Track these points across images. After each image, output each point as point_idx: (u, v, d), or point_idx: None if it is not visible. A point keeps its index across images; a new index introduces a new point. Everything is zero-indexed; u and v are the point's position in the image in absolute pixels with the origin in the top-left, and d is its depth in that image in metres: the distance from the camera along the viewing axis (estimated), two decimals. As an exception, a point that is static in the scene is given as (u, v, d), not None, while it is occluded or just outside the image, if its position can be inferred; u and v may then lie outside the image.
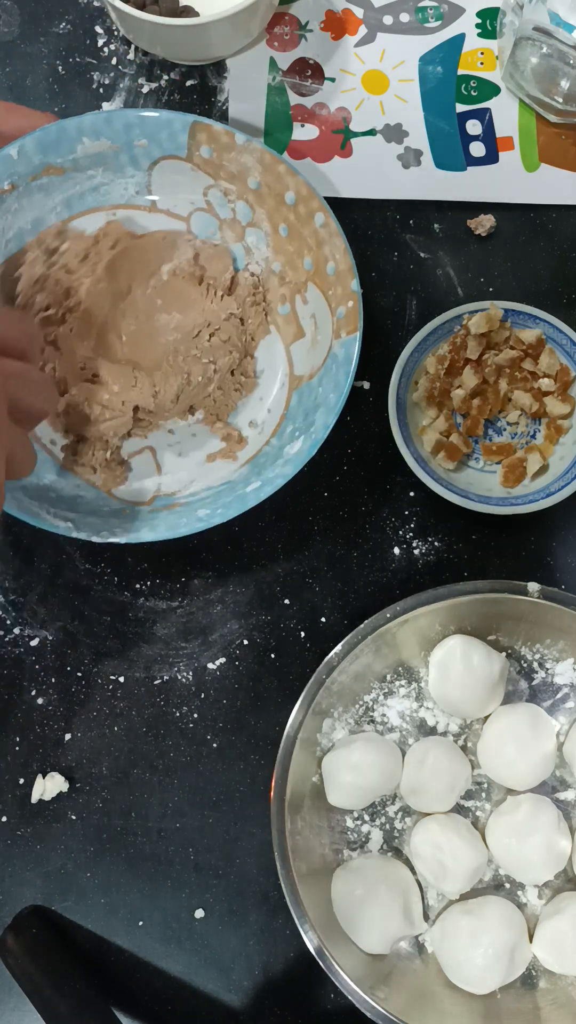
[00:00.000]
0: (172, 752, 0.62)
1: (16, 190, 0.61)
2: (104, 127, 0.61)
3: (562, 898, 0.57)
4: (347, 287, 0.60)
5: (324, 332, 0.62)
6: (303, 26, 0.71)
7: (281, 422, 0.63)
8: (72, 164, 0.62)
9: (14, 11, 0.72)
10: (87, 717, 0.62)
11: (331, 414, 0.58)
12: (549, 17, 0.63)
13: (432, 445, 0.63)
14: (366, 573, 0.64)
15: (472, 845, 0.57)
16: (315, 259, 0.62)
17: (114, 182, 0.64)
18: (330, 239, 0.60)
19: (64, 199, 0.63)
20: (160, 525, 0.59)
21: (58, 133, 0.60)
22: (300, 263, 0.63)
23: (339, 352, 0.60)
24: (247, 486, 0.60)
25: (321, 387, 0.61)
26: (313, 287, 0.62)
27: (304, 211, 0.61)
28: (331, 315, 0.61)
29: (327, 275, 0.61)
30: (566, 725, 0.60)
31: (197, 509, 0.60)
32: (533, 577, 0.59)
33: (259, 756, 0.61)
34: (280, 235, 0.63)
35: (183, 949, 0.59)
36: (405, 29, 0.71)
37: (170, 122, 0.61)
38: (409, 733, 0.60)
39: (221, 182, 0.63)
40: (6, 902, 0.60)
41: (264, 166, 0.61)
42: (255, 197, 0.63)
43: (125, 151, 0.62)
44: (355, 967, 0.54)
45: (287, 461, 0.60)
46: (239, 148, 0.61)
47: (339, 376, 0.59)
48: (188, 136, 0.61)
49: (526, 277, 0.68)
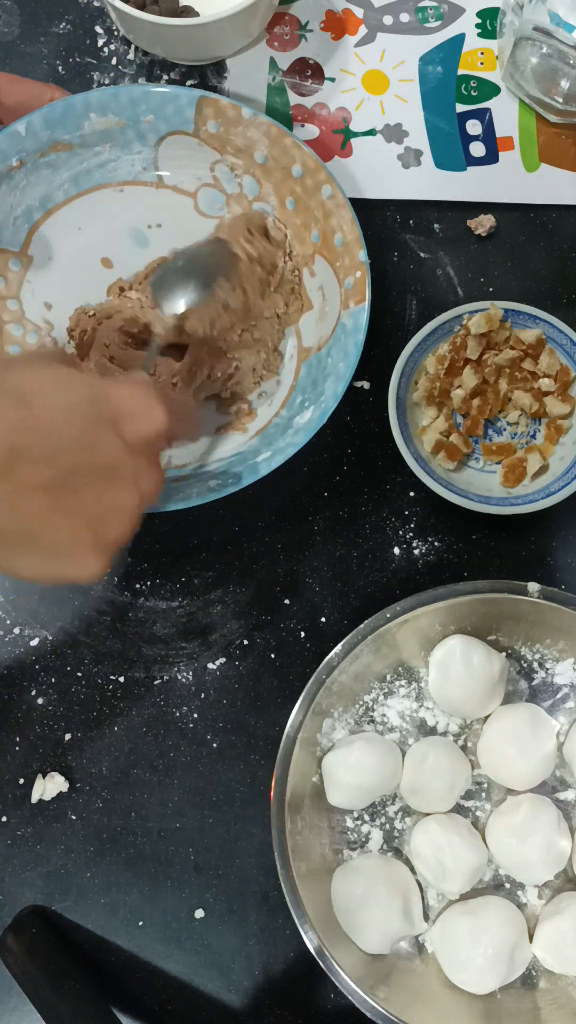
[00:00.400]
0: (172, 752, 0.61)
1: (24, 167, 0.61)
2: (111, 102, 0.61)
3: (562, 898, 0.57)
4: (355, 257, 0.60)
5: (332, 303, 0.62)
6: (303, 26, 0.71)
7: (290, 394, 0.63)
8: (79, 140, 0.62)
9: (14, 11, 0.72)
10: (87, 717, 0.62)
11: (341, 382, 0.58)
12: (549, 17, 0.63)
13: (432, 445, 0.63)
14: (366, 573, 0.64)
15: (472, 845, 0.57)
16: (322, 231, 0.62)
17: (121, 158, 0.64)
18: (337, 210, 0.60)
19: (71, 175, 0.63)
20: (173, 496, 0.59)
21: (65, 109, 0.60)
22: (307, 236, 0.63)
23: (348, 322, 0.60)
24: (258, 456, 0.60)
25: (330, 357, 0.61)
26: (320, 259, 0.62)
27: (311, 183, 0.61)
28: (339, 286, 0.61)
29: (334, 246, 0.61)
30: (566, 725, 0.60)
31: (208, 480, 0.60)
32: (533, 577, 0.59)
33: (259, 756, 0.61)
34: (287, 208, 0.63)
35: (183, 949, 0.59)
36: (405, 29, 0.71)
37: (176, 97, 0.61)
38: (409, 733, 0.60)
39: (228, 157, 0.63)
40: (6, 902, 0.60)
41: (271, 139, 0.61)
42: (262, 171, 0.63)
43: (132, 127, 0.62)
44: (355, 967, 0.54)
45: (297, 430, 0.59)
46: (245, 122, 0.61)
47: (348, 345, 0.59)
48: (195, 111, 0.61)
49: (526, 277, 0.68)
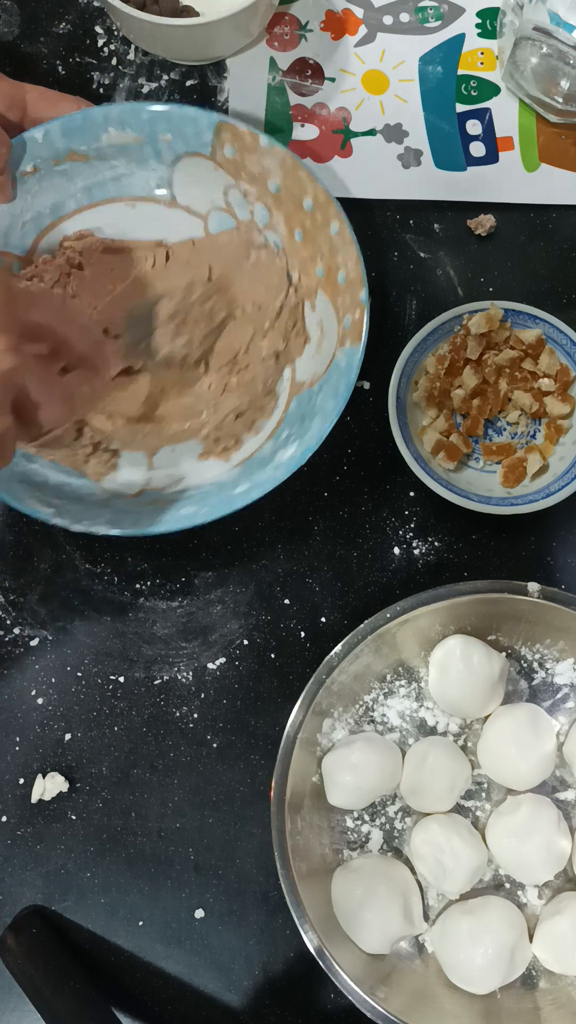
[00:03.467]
0: (172, 752, 0.62)
1: (38, 172, 0.61)
2: (131, 118, 0.61)
3: (562, 898, 0.57)
4: (356, 297, 0.59)
5: (329, 340, 0.61)
6: (303, 26, 0.71)
7: (278, 426, 0.63)
8: (96, 152, 0.62)
9: (14, 11, 0.72)
10: (87, 717, 0.62)
11: (327, 422, 0.58)
12: (549, 17, 0.63)
13: (432, 445, 0.63)
14: (366, 573, 0.64)
15: (472, 845, 0.57)
16: (327, 266, 0.61)
17: (136, 174, 0.64)
18: (343, 247, 0.60)
19: (85, 186, 0.63)
20: (143, 520, 0.59)
21: (84, 120, 0.60)
22: (312, 269, 0.63)
23: (342, 361, 0.60)
24: (235, 488, 0.60)
25: (320, 394, 0.61)
26: (322, 294, 0.62)
27: (320, 218, 0.61)
28: (338, 324, 0.61)
29: (337, 283, 0.61)
30: (566, 725, 0.60)
31: (182, 507, 0.60)
32: (533, 577, 0.59)
33: (259, 756, 0.61)
34: (295, 240, 0.63)
35: (183, 949, 0.59)
36: (405, 29, 0.71)
37: (196, 119, 0.61)
38: (409, 733, 0.60)
39: (242, 183, 0.63)
40: (6, 902, 0.60)
41: (285, 170, 0.61)
42: (274, 200, 0.63)
43: (149, 143, 0.62)
44: (355, 967, 0.54)
45: (278, 465, 0.59)
46: (262, 150, 0.61)
47: (339, 384, 0.59)
48: (213, 134, 0.61)
49: (526, 277, 0.68)
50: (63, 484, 0.61)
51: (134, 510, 0.60)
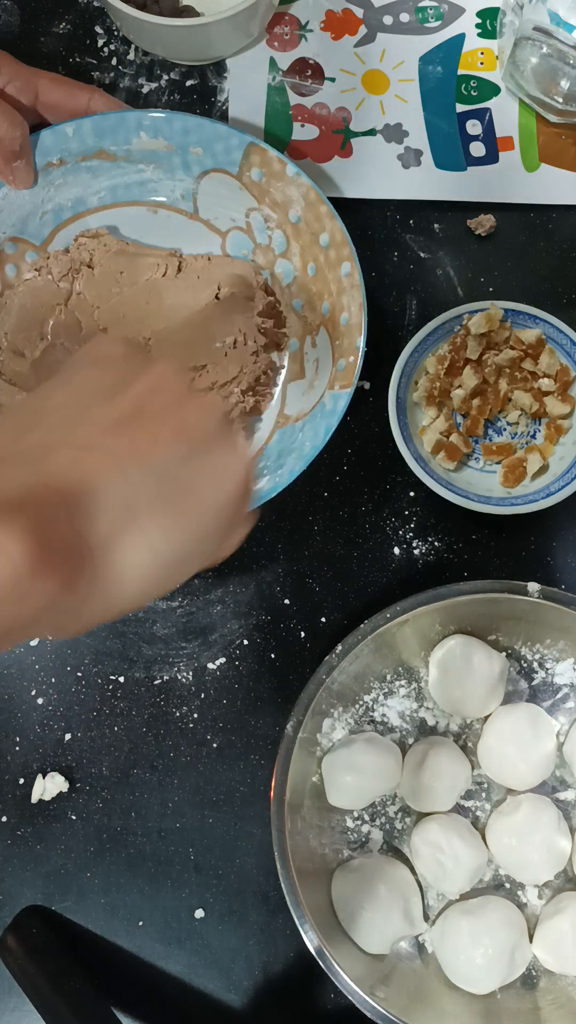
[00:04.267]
0: (172, 752, 0.62)
1: (64, 165, 0.61)
2: (164, 126, 0.61)
3: (562, 898, 0.57)
4: (353, 342, 0.59)
5: (321, 379, 0.61)
6: (303, 26, 0.71)
7: (258, 456, 0.62)
8: (125, 154, 0.62)
9: (14, 11, 0.72)
10: (87, 717, 0.62)
11: (302, 461, 0.58)
12: (549, 17, 0.63)
13: (432, 445, 0.63)
14: (366, 573, 0.64)
15: (472, 845, 0.57)
16: (332, 306, 0.61)
17: (162, 181, 0.64)
18: (350, 290, 0.60)
19: (110, 185, 0.64)
20: None
21: (117, 122, 0.61)
22: (319, 306, 0.62)
23: (328, 403, 0.59)
24: None
25: (302, 433, 0.60)
26: (324, 333, 0.62)
27: (334, 256, 0.61)
28: (332, 365, 0.60)
29: (339, 325, 0.60)
30: (566, 725, 0.60)
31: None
32: (533, 577, 0.59)
33: (259, 756, 0.61)
34: (307, 273, 0.63)
35: (183, 949, 0.59)
36: (405, 29, 0.71)
37: (228, 136, 0.61)
38: (409, 733, 0.60)
39: (264, 207, 0.63)
40: (6, 902, 0.60)
41: (308, 203, 0.61)
42: (293, 230, 0.62)
43: (179, 154, 0.62)
44: (355, 967, 0.54)
45: None
46: (287, 179, 0.61)
47: (320, 427, 0.58)
48: (242, 155, 0.61)
49: (526, 277, 0.68)
50: None
51: None
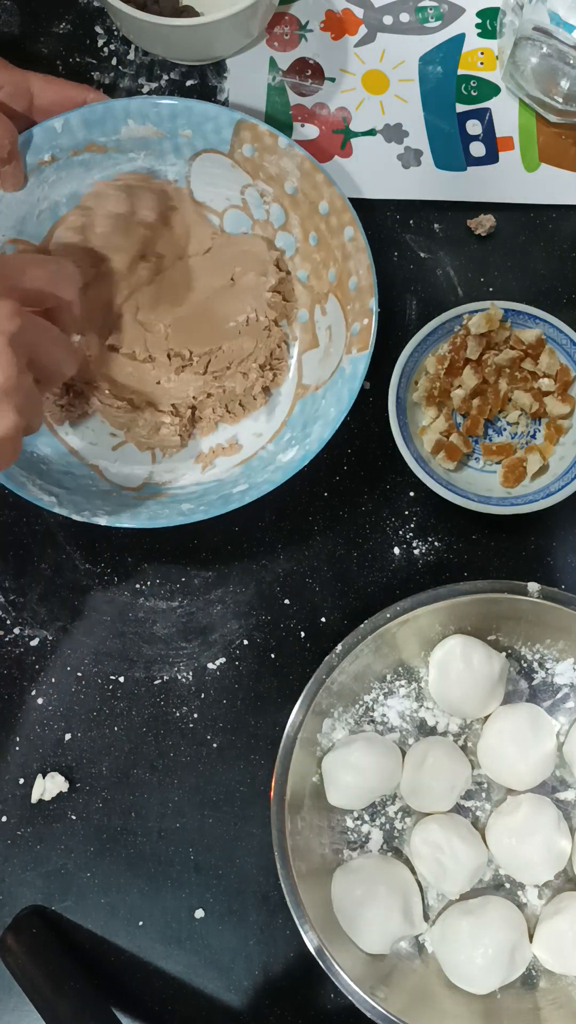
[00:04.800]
0: (172, 752, 0.61)
1: (56, 162, 0.61)
2: (151, 112, 0.61)
3: (562, 898, 0.57)
4: (365, 304, 0.60)
5: (337, 345, 0.62)
6: (303, 26, 0.71)
7: (280, 429, 0.63)
8: (115, 144, 0.62)
9: (14, 11, 0.72)
10: (87, 717, 0.62)
11: (328, 428, 0.59)
12: (549, 17, 0.63)
13: (432, 445, 0.63)
14: (366, 573, 0.64)
15: (472, 845, 0.57)
16: (339, 272, 0.61)
17: (154, 168, 0.64)
18: (356, 254, 0.60)
19: (103, 177, 0.64)
20: (142, 513, 0.59)
21: (104, 112, 0.61)
22: (325, 274, 0.63)
23: (347, 368, 0.60)
24: (235, 487, 0.60)
25: (324, 399, 0.61)
26: (333, 299, 0.62)
27: (336, 222, 0.61)
28: (346, 330, 0.61)
29: (348, 290, 0.61)
30: (566, 725, 0.60)
31: (182, 503, 0.60)
32: (533, 577, 0.59)
33: (259, 756, 0.61)
34: (309, 243, 0.63)
35: (183, 949, 0.59)
36: (405, 29, 0.71)
37: (217, 116, 0.61)
38: (409, 733, 0.60)
39: (259, 182, 0.63)
40: (6, 902, 0.60)
41: (303, 172, 0.61)
42: (290, 202, 0.63)
43: (169, 139, 0.62)
44: (355, 967, 0.54)
45: (278, 468, 0.60)
46: (281, 151, 0.61)
47: (343, 391, 0.59)
48: (232, 132, 0.61)
49: (526, 277, 0.68)
50: (66, 473, 0.61)
51: (134, 503, 0.60)
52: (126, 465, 0.63)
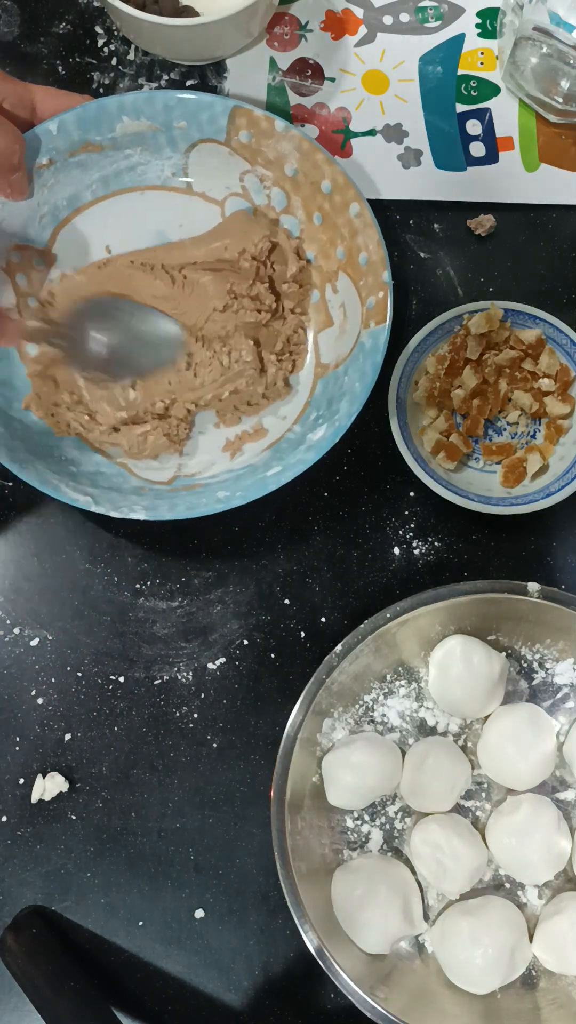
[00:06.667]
0: (172, 752, 0.62)
1: (54, 165, 0.61)
2: (145, 107, 0.61)
3: (562, 898, 0.57)
4: (379, 277, 0.60)
5: (353, 321, 0.62)
6: (303, 26, 0.71)
7: (305, 409, 0.63)
8: (111, 142, 0.62)
9: (14, 11, 0.72)
10: (87, 717, 0.62)
11: (356, 402, 0.58)
12: (549, 17, 0.63)
13: (432, 445, 0.63)
14: (366, 573, 0.64)
15: (472, 845, 0.57)
16: (348, 249, 0.62)
17: (151, 162, 0.64)
18: (364, 229, 0.60)
19: (101, 177, 0.64)
20: (180, 504, 0.59)
21: (98, 111, 0.61)
22: (332, 252, 0.63)
23: (367, 342, 0.60)
24: (268, 470, 0.60)
25: (347, 376, 0.61)
26: (344, 277, 0.62)
27: (339, 200, 0.61)
28: (361, 305, 0.61)
29: (359, 265, 0.61)
30: (566, 725, 0.60)
31: (217, 491, 0.60)
32: (533, 577, 0.59)
33: (259, 756, 0.61)
34: (314, 223, 0.63)
35: (183, 949, 0.59)
36: (405, 29, 0.71)
37: (211, 105, 0.61)
38: (409, 733, 0.60)
39: (258, 168, 0.63)
40: (6, 902, 0.60)
41: (302, 153, 0.61)
42: (291, 184, 0.63)
43: (164, 132, 0.63)
44: (355, 967, 0.54)
45: (310, 447, 0.59)
46: (278, 135, 0.61)
47: (365, 366, 0.59)
48: (228, 120, 0.62)
49: (526, 277, 0.68)
50: (96, 473, 0.61)
51: (169, 496, 0.60)
52: (153, 461, 0.63)
